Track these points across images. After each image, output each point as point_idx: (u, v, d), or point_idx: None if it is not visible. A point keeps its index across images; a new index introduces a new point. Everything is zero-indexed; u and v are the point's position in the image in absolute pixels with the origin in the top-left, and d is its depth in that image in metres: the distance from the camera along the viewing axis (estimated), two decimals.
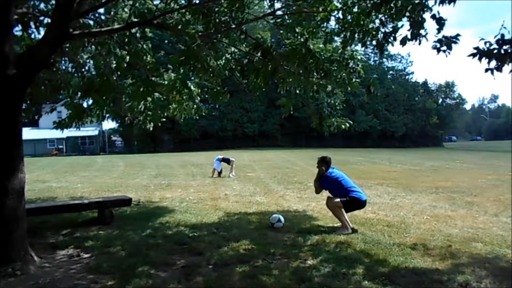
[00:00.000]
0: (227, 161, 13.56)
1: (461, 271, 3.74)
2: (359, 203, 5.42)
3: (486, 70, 3.18)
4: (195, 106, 7.12)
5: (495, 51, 3.13)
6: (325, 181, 5.50)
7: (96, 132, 48.04)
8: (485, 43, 3.20)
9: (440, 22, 3.52)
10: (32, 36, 5.80)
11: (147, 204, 7.90)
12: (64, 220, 6.03)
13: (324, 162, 5.52)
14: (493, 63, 3.16)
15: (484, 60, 3.18)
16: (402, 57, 58.75)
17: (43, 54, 4.16)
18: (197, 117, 7.49)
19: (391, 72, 57.26)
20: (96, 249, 4.57)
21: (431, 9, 3.63)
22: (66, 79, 6.41)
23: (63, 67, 6.80)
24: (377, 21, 4.37)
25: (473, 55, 3.21)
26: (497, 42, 3.14)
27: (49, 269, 3.93)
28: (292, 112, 6.72)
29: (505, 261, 4.08)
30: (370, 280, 3.53)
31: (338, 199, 5.31)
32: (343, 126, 6.13)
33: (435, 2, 3.42)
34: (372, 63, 50.97)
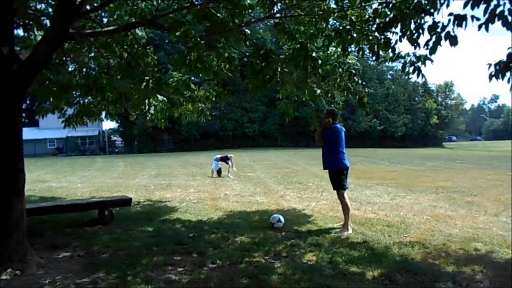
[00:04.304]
0: (225, 160, 13.54)
1: (461, 271, 3.74)
2: (346, 170, 5.45)
3: None
4: (199, 108, 7.15)
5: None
6: (330, 133, 5.40)
7: (96, 132, 48.04)
8: (495, 65, 3.19)
9: (454, 40, 3.40)
10: (33, 36, 5.82)
11: (147, 204, 7.90)
12: (64, 220, 6.03)
13: (331, 114, 5.41)
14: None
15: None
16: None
17: (43, 54, 4.16)
18: (204, 120, 7.55)
19: (390, 72, 57.28)
20: (96, 249, 4.57)
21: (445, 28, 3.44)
22: (71, 79, 6.46)
23: (69, 69, 6.85)
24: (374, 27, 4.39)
25: (491, 77, 3.23)
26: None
27: (49, 269, 3.93)
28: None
29: (505, 261, 4.08)
30: (370, 280, 3.54)
31: (340, 189, 5.35)
32: None
33: (449, 22, 3.29)
34: (372, 63, 50.95)
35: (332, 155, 5.41)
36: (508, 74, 3.15)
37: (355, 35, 4.66)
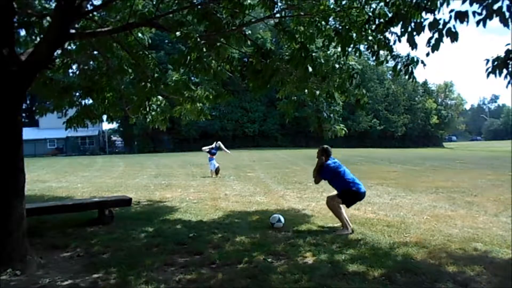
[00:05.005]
0: (212, 153, 13.53)
1: (461, 271, 3.74)
2: (358, 196, 5.38)
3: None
4: (199, 108, 7.15)
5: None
6: (325, 171, 5.41)
7: (96, 132, 48.01)
8: (493, 61, 3.19)
9: (454, 36, 3.39)
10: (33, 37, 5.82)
11: (147, 204, 7.90)
12: (64, 220, 6.03)
13: (324, 152, 5.43)
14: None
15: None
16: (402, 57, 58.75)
17: (43, 54, 4.16)
18: (203, 119, 7.54)
19: (390, 72, 57.27)
20: (96, 249, 4.57)
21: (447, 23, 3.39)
22: (74, 81, 6.48)
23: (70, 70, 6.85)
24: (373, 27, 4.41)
25: (489, 73, 3.22)
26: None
27: (49, 269, 3.94)
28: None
29: (505, 261, 4.08)
30: (370, 280, 3.54)
31: (338, 198, 5.30)
32: (338, 134, 6.26)
33: (450, 18, 3.29)
34: (372, 63, 50.92)
35: (343, 185, 5.34)
36: (505, 70, 3.15)
37: (354, 35, 4.67)
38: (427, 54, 3.81)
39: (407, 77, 4.43)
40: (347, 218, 5.31)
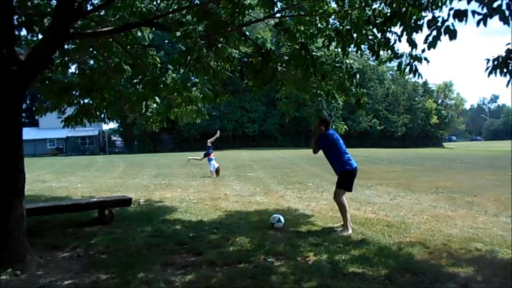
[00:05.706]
0: (210, 152, 13.57)
1: (461, 271, 3.74)
2: (354, 172, 5.47)
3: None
4: (195, 109, 7.13)
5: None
6: (322, 140, 5.47)
7: (96, 132, 48.04)
8: (494, 61, 3.20)
9: (452, 34, 3.40)
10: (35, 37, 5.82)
11: (147, 204, 7.90)
12: (64, 220, 6.03)
13: (323, 122, 5.49)
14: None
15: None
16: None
17: (43, 53, 4.16)
18: (199, 121, 7.52)
19: (390, 72, 57.31)
20: (96, 249, 4.57)
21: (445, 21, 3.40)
22: (73, 80, 6.48)
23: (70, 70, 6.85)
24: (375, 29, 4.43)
25: (490, 72, 3.23)
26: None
27: (49, 269, 3.93)
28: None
29: (505, 261, 4.08)
30: (370, 280, 3.54)
31: (340, 189, 5.38)
32: (339, 130, 6.28)
33: (448, 16, 3.29)
34: (372, 63, 50.96)
35: (338, 160, 5.44)
36: (505, 69, 3.16)
37: (355, 35, 4.67)
38: (423, 51, 3.84)
39: (412, 74, 4.44)
40: (349, 218, 5.32)
